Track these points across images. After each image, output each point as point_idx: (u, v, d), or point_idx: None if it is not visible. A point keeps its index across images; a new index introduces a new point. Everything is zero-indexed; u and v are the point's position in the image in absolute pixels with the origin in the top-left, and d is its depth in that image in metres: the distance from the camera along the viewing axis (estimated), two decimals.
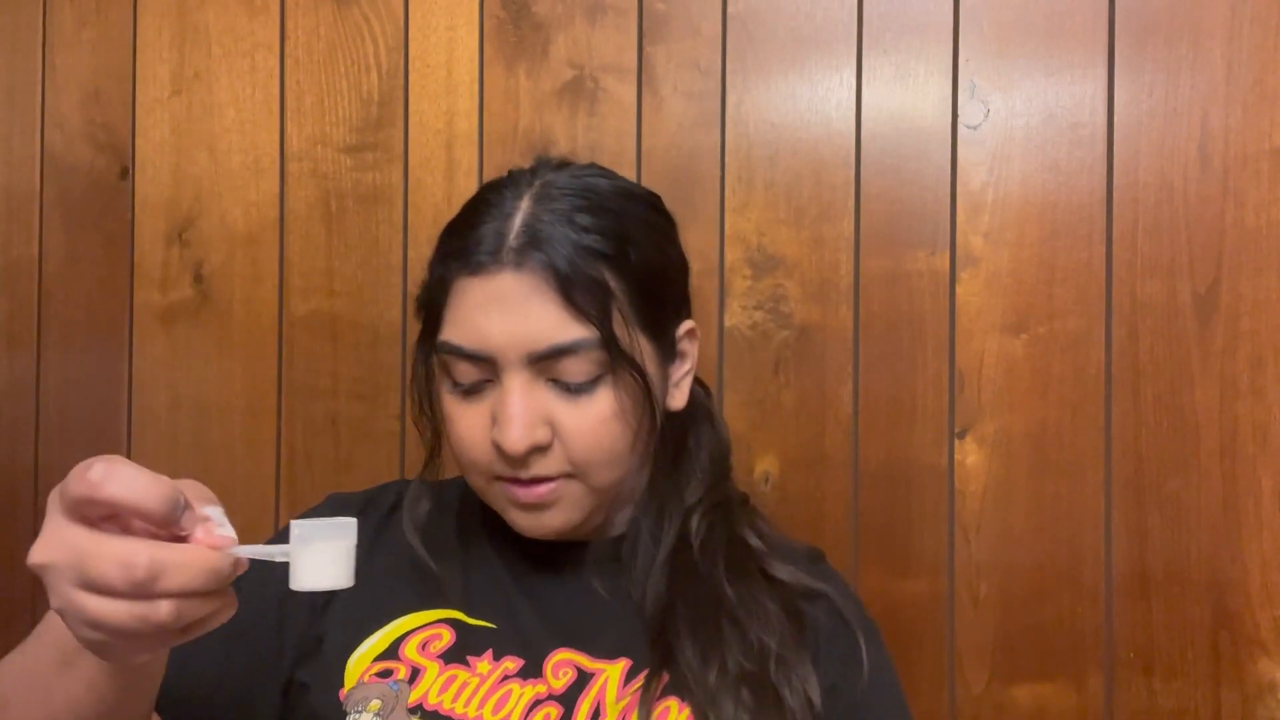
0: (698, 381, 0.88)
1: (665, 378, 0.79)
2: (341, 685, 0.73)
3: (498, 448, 0.73)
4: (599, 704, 0.72)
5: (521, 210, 0.74)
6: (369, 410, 1.20)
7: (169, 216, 1.26)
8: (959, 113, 1.07)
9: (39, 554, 0.49)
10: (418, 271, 1.18)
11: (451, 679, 0.72)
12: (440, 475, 0.84)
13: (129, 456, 1.25)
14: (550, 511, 0.75)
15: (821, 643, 0.76)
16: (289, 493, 1.21)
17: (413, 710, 0.70)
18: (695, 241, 1.09)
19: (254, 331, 1.23)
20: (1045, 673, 1.03)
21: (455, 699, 0.71)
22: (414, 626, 0.75)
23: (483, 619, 0.76)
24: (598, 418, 0.73)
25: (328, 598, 0.78)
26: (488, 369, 0.73)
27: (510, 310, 0.71)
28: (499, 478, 0.75)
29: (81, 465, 0.48)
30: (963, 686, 1.04)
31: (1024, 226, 1.05)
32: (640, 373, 0.73)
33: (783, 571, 0.78)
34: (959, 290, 1.06)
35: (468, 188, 1.17)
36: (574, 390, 0.72)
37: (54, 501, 0.50)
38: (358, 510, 0.82)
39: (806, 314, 1.09)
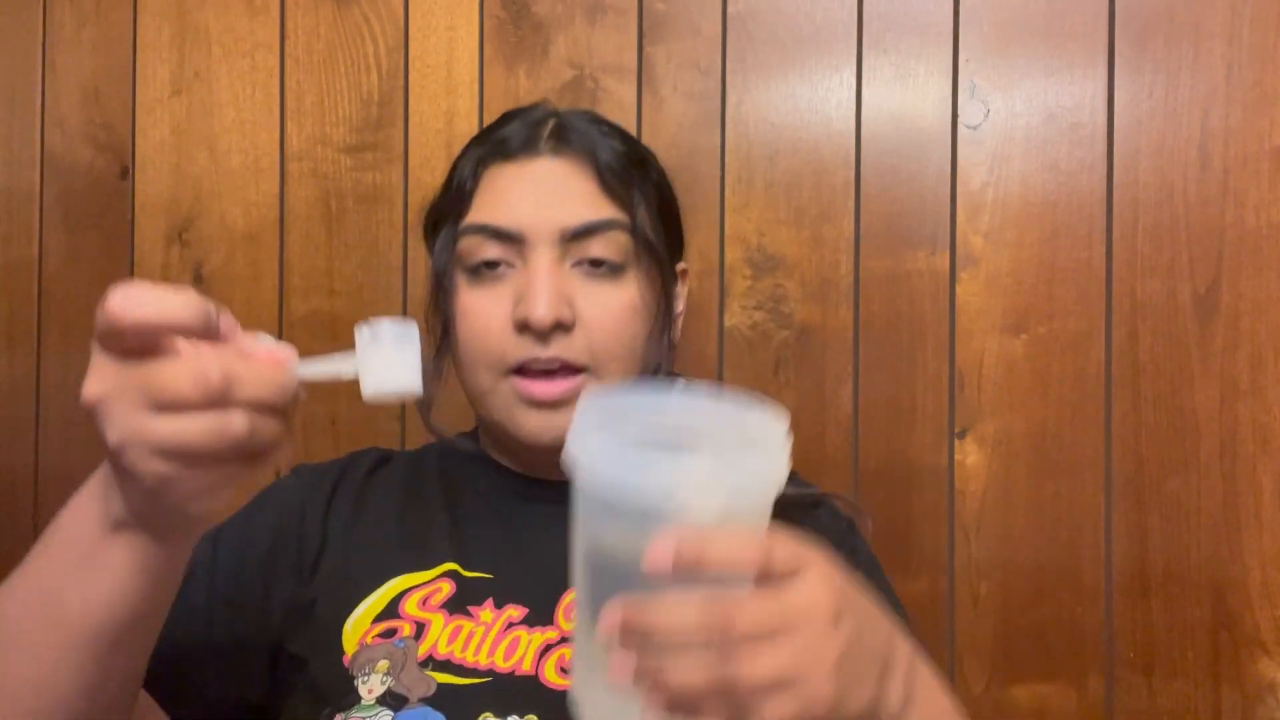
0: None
1: (672, 300, 0.80)
2: (343, 652, 0.70)
3: (522, 326, 0.72)
4: None
5: (551, 114, 0.79)
6: (369, 410, 1.20)
7: (169, 216, 1.26)
8: (959, 113, 1.07)
9: (93, 388, 0.47)
10: (418, 271, 1.19)
11: (458, 629, 0.71)
12: (443, 377, 0.81)
13: None
14: (563, 413, 0.73)
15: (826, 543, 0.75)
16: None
17: (423, 664, 0.68)
18: (695, 241, 1.09)
19: (254, 331, 1.23)
20: (1045, 673, 1.03)
21: (465, 648, 0.70)
22: (412, 585, 0.74)
23: (479, 570, 0.74)
24: (620, 305, 0.74)
25: (314, 561, 0.75)
26: (514, 250, 0.74)
27: (546, 189, 0.74)
28: (514, 372, 0.73)
29: (103, 300, 0.46)
30: (963, 686, 1.04)
31: (1024, 226, 1.05)
32: (662, 268, 0.75)
33: (793, 512, 0.77)
34: (959, 290, 1.06)
35: None
36: (599, 275, 0.74)
37: (95, 345, 0.48)
38: (333, 478, 0.81)
39: (806, 314, 1.09)
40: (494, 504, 0.80)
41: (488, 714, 0.66)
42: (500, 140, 0.77)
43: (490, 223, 0.74)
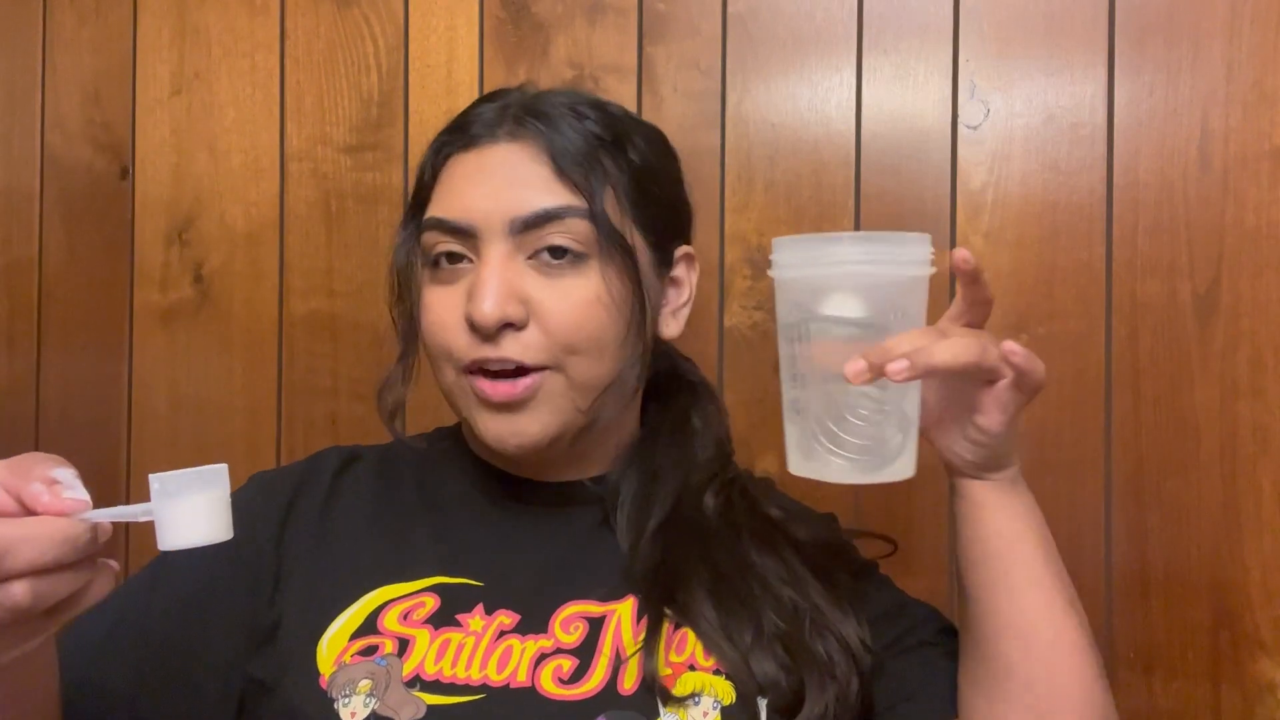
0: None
1: (661, 291, 0.76)
2: (318, 673, 0.66)
3: (469, 323, 0.68)
4: (618, 648, 0.68)
5: (525, 95, 0.75)
6: (369, 410, 1.19)
7: (169, 216, 1.26)
8: (959, 113, 1.07)
9: None
10: None
11: (445, 644, 0.67)
12: (412, 376, 0.78)
13: (128, 456, 1.26)
14: (526, 414, 0.69)
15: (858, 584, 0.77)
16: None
17: (409, 683, 0.65)
18: (696, 241, 1.09)
19: (254, 331, 1.23)
20: None
21: (454, 664, 0.66)
22: (391, 598, 0.69)
23: (465, 577, 0.71)
24: (581, 298, 0.69)
25: (273, 578, 0.72)
26: (469, 245, 0.70)
27: (498, 177, 0.70)
28: (469, 370, 0.70)
29: None
30: None
31: (1024, 226, 1.05)
32: (630, 256, 0.70)
33: (802, 532, 0.77)
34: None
35: None
36: (556, 267, 0.69)
37: None
38: (292, 485, 0.76)
39: None
40: (480, 504, 0.77)
41: None
42: (462, 127, 0.74)
43: (443, 216, 0.71)
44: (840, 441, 0.60)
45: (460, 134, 0.73)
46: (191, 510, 0.47)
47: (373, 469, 0.79)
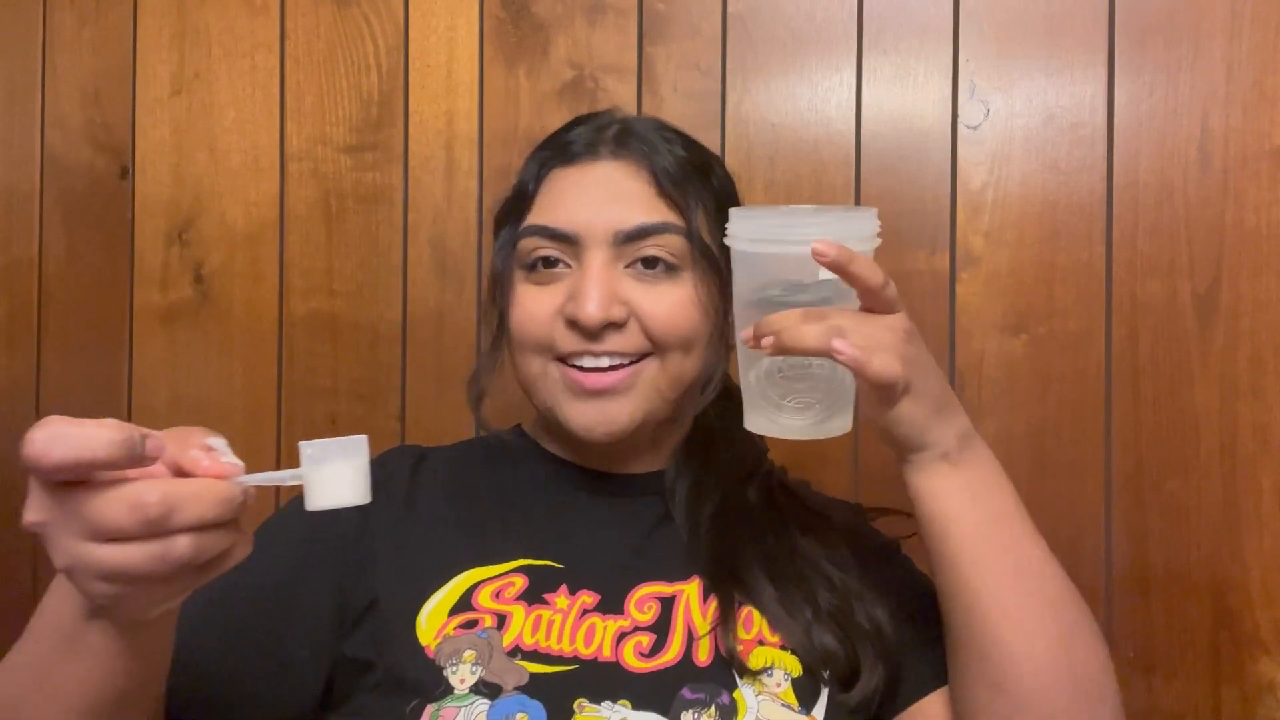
0: None
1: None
2: (422, 645, 0.71)
3: (572, 322, 0.74)
4: (689, 625, 0.73)
5: (617, 120, 0.81)
6: (369, 410, 1.20)
7: (169, 216, 1.26)
8: (959, 113, 1.07)
9: (32, 515, 0.47)
10: (418, 272, 1.19)
11: (539, 619, 0.72)
12: (498, 368, 0.84)
13: None
14: (617, 402, 0.75)
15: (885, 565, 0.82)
16: (289, 493, 1.21)
17: (510, 654, 0.70)
18: None
19: (254, 331, 1.23)
20: None
21: (548, 637, 0.71)
22: (481, 579, 0.75)
23: (548, 559, 0.76)
24: (676, 301, 0.75)
25: (362, 563, 0.76)
26: (570, 251, 0.76)
27: (603, 191, 0.76)
28: (563, 359, 0.76)
29: (28, 435, 0.46)
30: None
31: (1024, 226, 1.05)
32: (719, 269, 0.76)
33: (838, 519, 0.83)
34: (959, 290, 1.06)
35: (468, 188, 1.18)
36: (651, 276, 0.75)
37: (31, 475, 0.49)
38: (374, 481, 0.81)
39: None
40: (554, 496, 0.82)
41: (582, 699, 0.68)
42: (564, 144, 0.80)
43: (547, 224, 0.77)
44: (780, 401, 0.66)
45: (564, 150, 0.79)
46: (336, 475, 0.52)
47: (444, 464, 0.85)
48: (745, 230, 0.65)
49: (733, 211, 0.66)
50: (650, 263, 0.75)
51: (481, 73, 1.18)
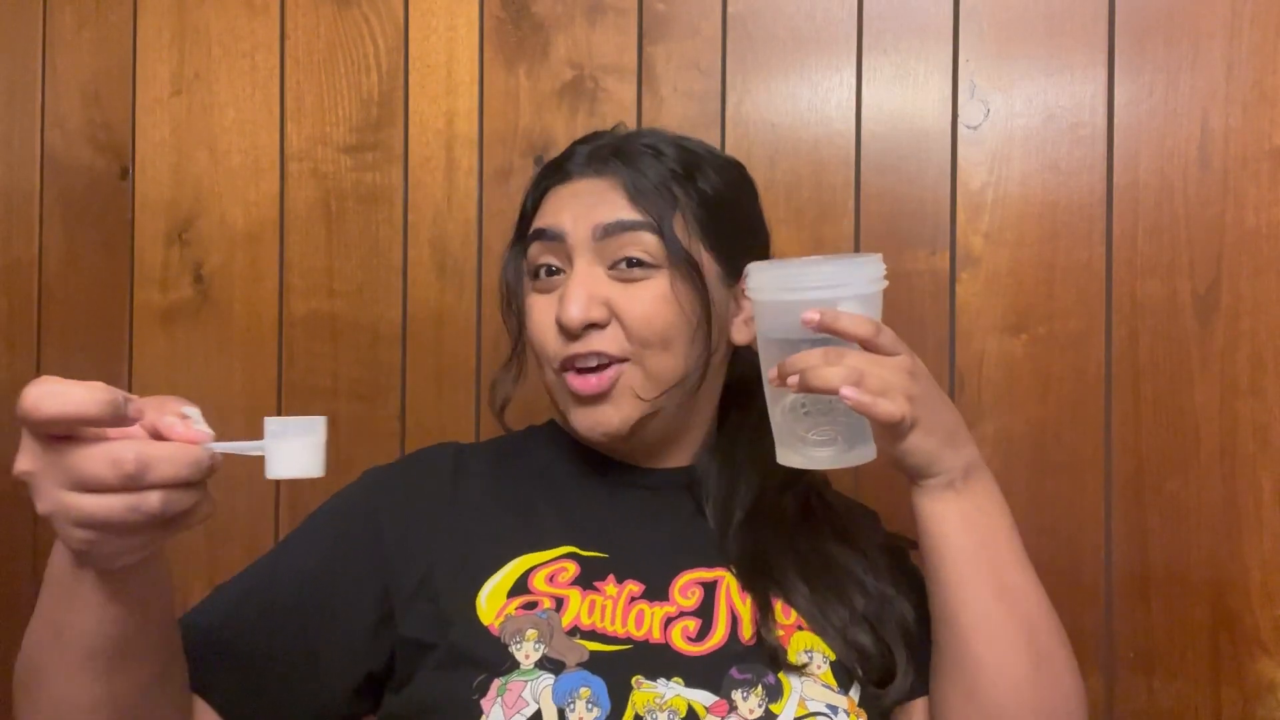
0: None
1: (728, 301, 0.86)
2: (484, 624, 0.75)
3: (559, 325, 0.80)
4: (733, 609, 0.78)
5: (615, 137, 0.87)
6: (369, 410, 1.20)
7: (169, 216, 1.26)
8: (959, 113, 1.07)
9: (22, 464, 0.53)
10: (418, 271, 1.19)
11: (593, 603, 0.77)
12: (523, 370, 0.90)
13: None
14: (608, 406, 0.81)
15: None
16: (289, 493, 1.21)
17: (569, 633, 0.74)
18: None
19: (254, 331, 1.23)
20: None
21: (603, 619, 0.76)
22: (535, 564, 0.79)
23: (594, 549, 0.80)
24: (652, 298, 0.80)
25: (409, 550, 0.80)
26: (562, 254, 0.82)
27: (585, 199, 0.83)
28: (564, 369, 0.81)
29: (23, 391, 0.51)
30: None
31: (1024, 226, 1.05)
32: (694, 267, 0.81)
33: (868, 529, 0.88)
34: (959, 290, 1.06)
35: (468, 188, 1.18)
36: (632, 275, 0.81)
37: (24, 428, 0.54)
38: (415, 472, 0.87)
39: None
40: (591, 488, 0.86)
41: (639, 676, 0.72)
42: (559, 166, 0.86)
43: (540, 226, 0.84)
44: (804, 435, 0.72)
45: (557, 172, 0.86)
46: (295, 449, 0.58)
47: (485, 457, 0.90)
48: (761, 283, 0.71)
49: (750, 267, 0.73)
50: (631, 262, 0.80)
51: (481, 73, 1.18)
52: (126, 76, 1.28)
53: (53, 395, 0.51)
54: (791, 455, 0.72)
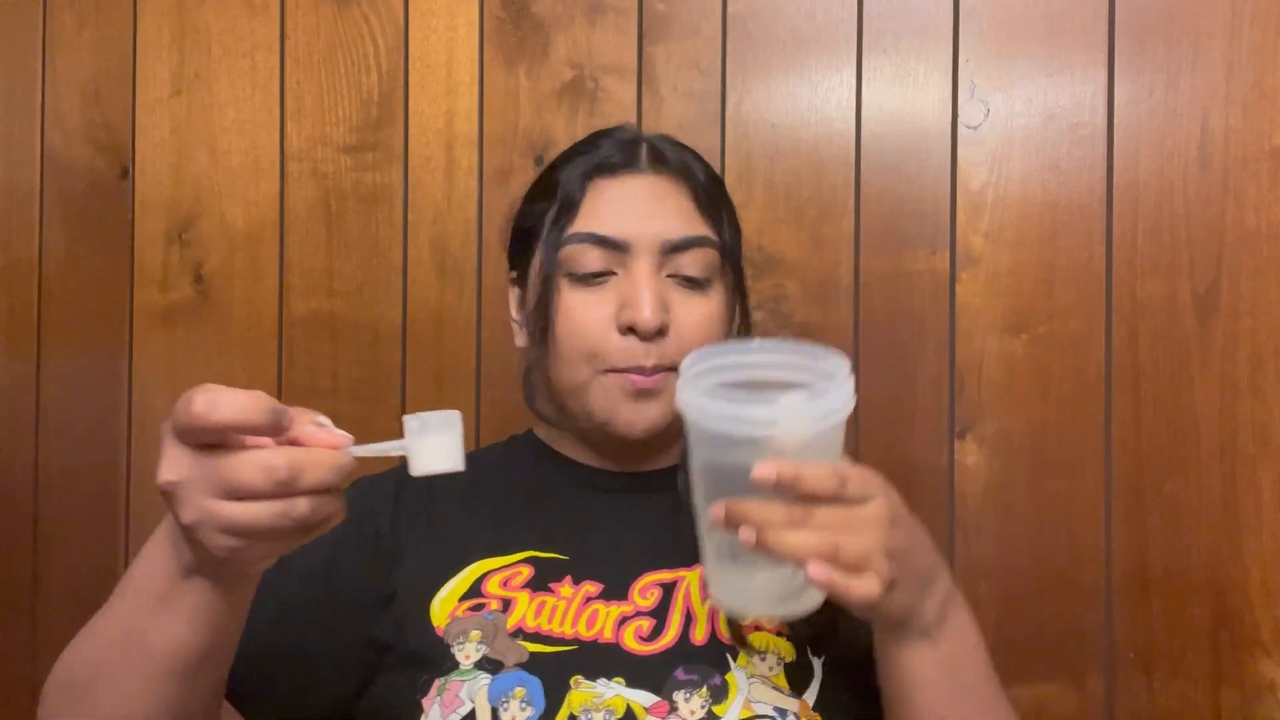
0: None
1: (747, 312, 0.87)
2: (433, 625, 0.77)
3: (627, 328, 0.78)
4: (688, 608, 0.77)
5: (645, 138, 0.85)
6: (369, 410, 1.20)
7: (169, 216, 1.26)
8: (959, 113, 1.07)
9: (168, 474, 0.54)
10: (418, 271, 1.19)
11: (542, 605, 0.77)
12: (547, 367, 0.84)
13: (128, 456, 1.26)
14: (656, 403, 0.80)
15: None
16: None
17: (513, 634, 0.75)
18: None
19: (254, 331, 1.23)
20: (1045, 673, 1.03)
21: (550, 620, 0.76)
22: (491, 568, 0.80)
23: (554, 552, 0.81)
24: (707, 313, 0.81)
25: (392, 554, 0.81)
26: (617, 259, 0.80)
27: (649, 203, 0.81)
28: (612, 369, 0.79)
29: (183, 399, 0.52)
30: None
31: (1024, 226, 1.05)
32: (741, 282, 0.82)
33: None
34: (959, 290, 1.06)
35: (468, 188, 1.18)
36: (691, 286, 0.81)
37: (168, 432, 0.55)
38: (396, 482, 0.87)
39: (806, 314, 1.09)
40: (567, 495, 0.86)
41: (578, 676, 0.72)
42: (600, 157, 0.83)
43: (598, 231, 0.80)
44: (740, 580, 0.63)
45: (600, 163, 0.83)
46: (436, 446, 0.58)
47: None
48: (701, 407, 0.59)
49: (684, 369, 0.62)
50: (688, 277, 0.80)
51: (481, 73, 1.18)
52: (126, 76, 1.28)
53: (224, 403, 0.52)
54: (724, 595, 0.64)
